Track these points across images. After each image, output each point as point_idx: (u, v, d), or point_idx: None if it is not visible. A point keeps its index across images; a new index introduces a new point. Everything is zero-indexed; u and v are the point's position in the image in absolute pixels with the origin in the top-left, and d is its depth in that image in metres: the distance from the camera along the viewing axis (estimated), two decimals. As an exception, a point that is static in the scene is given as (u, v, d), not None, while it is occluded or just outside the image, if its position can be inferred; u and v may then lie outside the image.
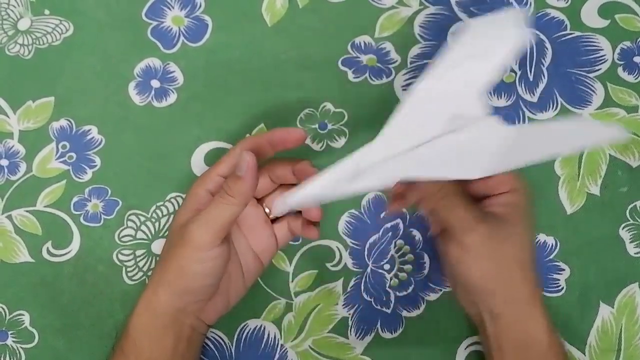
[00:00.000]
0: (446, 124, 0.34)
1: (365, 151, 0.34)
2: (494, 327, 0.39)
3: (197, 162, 0.47)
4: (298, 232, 0.41)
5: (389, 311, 0.45)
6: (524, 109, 0.46)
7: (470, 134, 0.34)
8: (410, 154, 0.34)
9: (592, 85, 0.46)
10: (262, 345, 0.45)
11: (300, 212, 0.40)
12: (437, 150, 0.34)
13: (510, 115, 0.46)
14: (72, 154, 0.47)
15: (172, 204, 0.46)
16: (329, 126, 0.46)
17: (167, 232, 0.46)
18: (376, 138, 0.34)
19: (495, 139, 0.33)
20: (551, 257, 0.45)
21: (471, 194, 0.40)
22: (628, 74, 0.46)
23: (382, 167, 0.34)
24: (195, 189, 0.39)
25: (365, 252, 0.45)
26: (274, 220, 0.42)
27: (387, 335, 0.45)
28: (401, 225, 0.45)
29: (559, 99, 0.46)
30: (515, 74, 0.46)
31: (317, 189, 0.35)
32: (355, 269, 0.45)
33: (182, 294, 0.38)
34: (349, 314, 0.45)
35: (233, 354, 0.45)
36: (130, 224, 0.46)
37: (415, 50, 0.47)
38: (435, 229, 0.41)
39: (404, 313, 0.45)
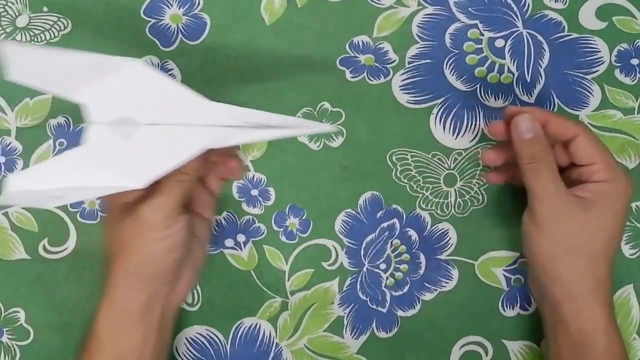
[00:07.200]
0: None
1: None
2: (553, 318, 0.38)
3: (194, 161, 0.47)
4: (227, 176, 0.41)
5: (384, 311, 0.45)
6: (521, 110, 0.46)
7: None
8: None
9: (589, 87, 0.46)
10: (257, 343, 0.45)
11: (218, 160, 0.40)
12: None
13: (508, 116, 0.46)
14: (70, 151, 0.47)
15: (169, 202, 0.46)
16: (327, 125, 0.46)
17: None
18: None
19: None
20: (547, 258, 0.45)
21: (571, 178, 0.39)
22: (625, 76, 0.46)
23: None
24: None
25: (362, 252, 0.45)
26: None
27: (382, 334, 0.45)
28: (397, 225, 0.46)
29: (556, 100, 0.46)
30: (513, 75, 0.46)
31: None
32: (351, 268, 0.45)
33: (151, 280, 0.37)
34: (345, 313, 0.45)
35: (228, 352, 0.45)
36: (126, 221, 0.46)
37: (413, 50, 0.47)
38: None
39: (400, 312, 0.45)
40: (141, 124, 0.34)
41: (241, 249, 0.46)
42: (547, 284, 0.38)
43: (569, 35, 0.46)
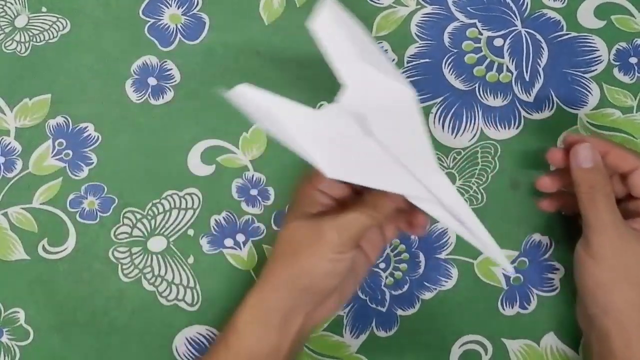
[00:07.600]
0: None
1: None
2: (601, 349, 0.38)
3: (193, 160, 0.47)
4: (405, 230, 0.41)
5: (384, 310, 0.45)
6: (520, 109, 0.46)
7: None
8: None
9: (587, 86, 0.46)
10: (258, 343, 0.45)
11: (406, 210, 0.40)
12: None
13: (507, 115, 0.46)
14: (69, 151, 0.47)
15: (168, 201, 0.46)
16: (326, 125, 0.46)
17: (163, 230, 0.46)
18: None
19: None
20: (546, 256, 0.45)
21: (628, 210, 0.39)
22: (624, 74, 0.46)
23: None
24: (307, 188, 0.39)
25: (361, 251, 0.45)
26: None
27: (382, 333, 0.45)
28: (397, 224, 0.46)
29: (555, 99, 0.46)
30: (512, 73, 0.46)
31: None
32: (350, 268, 0.45)
33: (303, 292, 0.37)
34: (344, 313, 0.45)
35: (228, 352, 0.45)
36: (126, 221, 0.46)
37: (412, 50, 0.47)
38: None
39: (399, 312, 0.45)
40: (371, 135, 0.35)
41: (241, 249, 0.46)
42: (597, 313, 0.38)
43: (567, 34, 0.47)
